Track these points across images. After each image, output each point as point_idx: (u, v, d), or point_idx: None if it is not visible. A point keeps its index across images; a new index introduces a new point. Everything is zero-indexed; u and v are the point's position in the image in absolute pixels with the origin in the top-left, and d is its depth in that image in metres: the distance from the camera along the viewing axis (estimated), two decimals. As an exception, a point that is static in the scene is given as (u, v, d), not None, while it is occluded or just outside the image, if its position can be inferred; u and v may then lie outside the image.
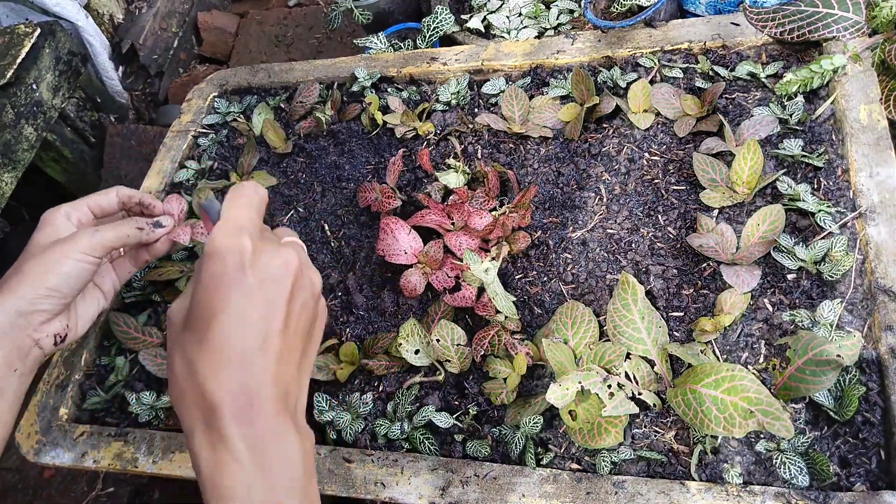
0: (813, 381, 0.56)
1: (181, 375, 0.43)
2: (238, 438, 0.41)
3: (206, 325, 0.42)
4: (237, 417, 0.41)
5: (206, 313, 0.42)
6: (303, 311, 0.46)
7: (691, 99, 0.79)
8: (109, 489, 1.23)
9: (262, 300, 0.43)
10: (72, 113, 1.59)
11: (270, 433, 0.42)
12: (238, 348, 0.42)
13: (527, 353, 0.66)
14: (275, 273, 0.44)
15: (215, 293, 0.42)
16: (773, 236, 0.67)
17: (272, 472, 0.41)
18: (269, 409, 0.42)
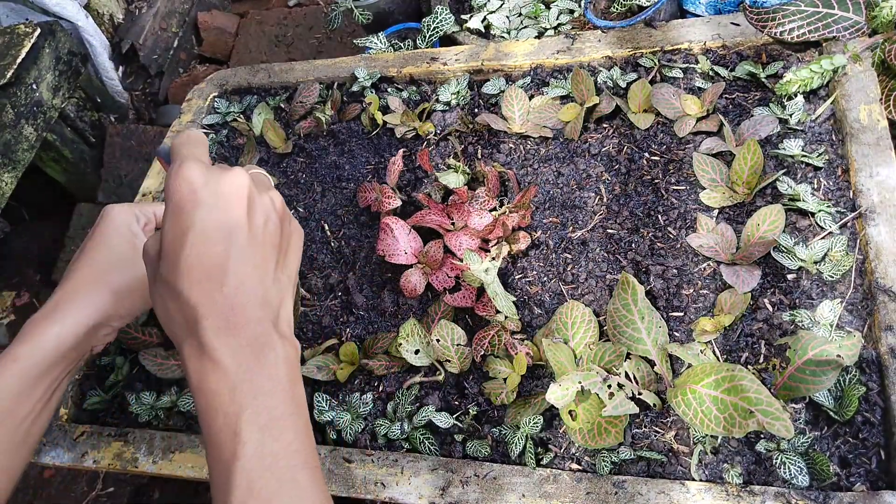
0: (813, 381, 0.56)
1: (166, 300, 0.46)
2: (219, 345, 0.44)
3: (178, 249, 0.45)
4: (218, 326, 0.44)
5: (175, 239, 0.45)
6: (267, 223, 0.48)
7: (691, 99, 0.79)
8: (109, 489, 1.23)
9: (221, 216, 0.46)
10: (72, 113, 1.59)
11: (250, 337, 0.45)
12: (209, 263, 0.44)
13: (527, 353, 0.66)
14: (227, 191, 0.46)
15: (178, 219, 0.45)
16: (773, 236, 0.67)
17: (255, 372, 0.44)
18: (248, 315, 0.45)
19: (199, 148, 0.50)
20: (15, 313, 1.53)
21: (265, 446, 0.43)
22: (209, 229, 0.45)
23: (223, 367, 0.43)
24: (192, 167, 0.46)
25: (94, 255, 0.63)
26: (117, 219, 0.65)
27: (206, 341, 0.44)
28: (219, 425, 0.43)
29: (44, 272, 1.59)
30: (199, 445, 0.70)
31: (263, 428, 0.43)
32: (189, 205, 0.45)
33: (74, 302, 0.59)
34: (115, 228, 0.65)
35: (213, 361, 0.44)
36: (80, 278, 0.61)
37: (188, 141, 0.51)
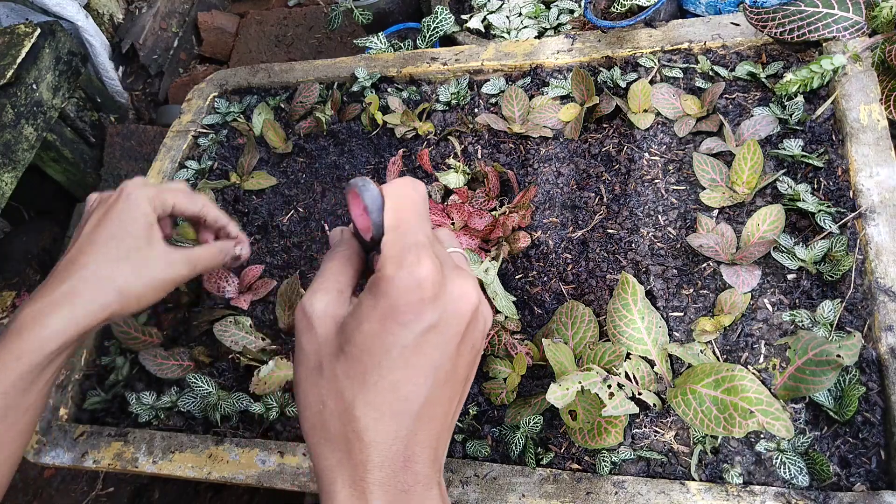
0: (813, 381, 0.56)
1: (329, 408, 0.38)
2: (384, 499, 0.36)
3: (375, 363, 0.36)
4: (387, 475, 0.37)
5: (376, 349, 0.36)
6: (470, 353, 0.40)
7: (691, 99, 0.79)
8: (109, 489, 1.23)
9: (438, 344, 0.37)
10: (72, 113, 1.59)
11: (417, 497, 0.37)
12: (402, 395, 0.37)
13: (527, 353, 0.66)
14: (455, 311, 0.37)
15: (392, 329, 0.36)
16: (773, 236, 0.67)
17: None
18: (421, 472, 0.38)
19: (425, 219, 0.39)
20: (15, 313, 1.53)
21: None
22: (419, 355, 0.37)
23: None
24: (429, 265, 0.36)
25: (105, 239, 0.58)
26: (134, 203, 0.60)
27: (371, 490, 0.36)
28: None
29: (44, 272, 1.59)
30: (199, 445, 0.70)
31: None
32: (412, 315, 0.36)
33: (81, 296, 0.56)
34: (133, 217, 0.60)
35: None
36: (90, 271, 0.57)
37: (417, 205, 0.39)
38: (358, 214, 0.42)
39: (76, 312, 0.55)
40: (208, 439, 0.70)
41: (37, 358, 0.53)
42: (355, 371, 0.37)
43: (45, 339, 0.54)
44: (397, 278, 0.36)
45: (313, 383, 0.39)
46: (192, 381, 0.72)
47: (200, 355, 0.76)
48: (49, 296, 0.55)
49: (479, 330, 0.40)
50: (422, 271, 0.36)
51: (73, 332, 0.55)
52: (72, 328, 0.55)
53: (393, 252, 0.37)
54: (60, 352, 0.55)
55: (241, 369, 0.75)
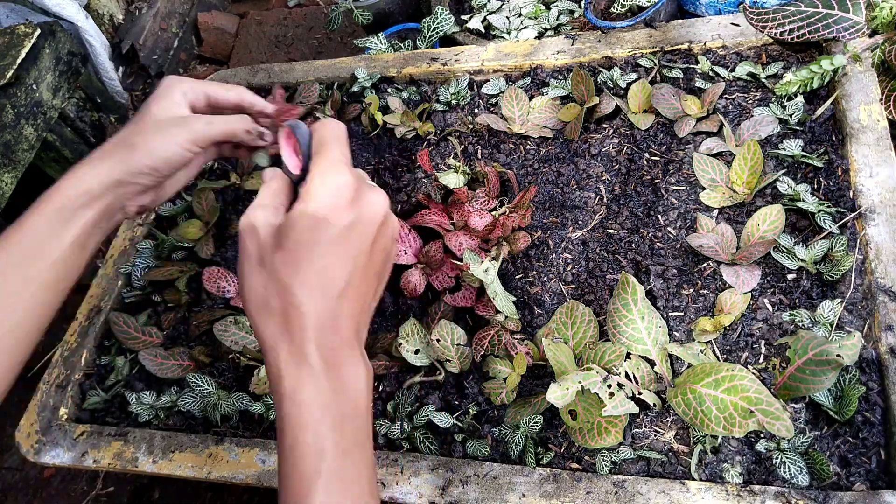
0: (813, 381, 0.56)
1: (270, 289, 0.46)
2: (319, 359, 0.45)
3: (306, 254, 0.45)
4: (321, 340, 0.45)
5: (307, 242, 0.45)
6: (382, 253, 0.50)
7: (691, 99, 0.79)
8: (109, 489, 1.23)
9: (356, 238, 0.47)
10: (72, 113, 1.59)
11: (345, 360, 0.46)
12: (329, 279, 0.46)
13: (527, 353, 0.66)
14: (370, 214, 0.47)
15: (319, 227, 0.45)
16: (773, 236, 0.67)
17: (343, 395, 0.45)
18: (347, 338, 0.46)
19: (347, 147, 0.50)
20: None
21: (345, 472, 0.44)
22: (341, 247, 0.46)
23: (319, 382, 0.45)
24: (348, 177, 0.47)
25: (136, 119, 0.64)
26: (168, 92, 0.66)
27: (308, 350, 0.45)
28: (306, 440, 0.44)
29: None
30: (199, 445, 0.70)
31: (346, 453, 0.45)
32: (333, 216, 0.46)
33: (106, 154, 0.61)
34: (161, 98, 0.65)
35: (312, 373, 0.45)
36: (116, 138, 0.62)
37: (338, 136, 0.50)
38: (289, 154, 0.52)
39: (104, 164, 0.60)
40: (208, 439, 0.70)
41: (61, 200, 0.57)
42: (291, 260, 0.46)
43: (73, 183, 0.58)
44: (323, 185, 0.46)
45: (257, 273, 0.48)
46: (192, 381, 0.73)
47: (200, 355, 0.76)
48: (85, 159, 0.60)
49: (389, 235, 0.50)
50: (342, 179, 0.47)
51: (101, 179, 0.59)
52: (98, 175, 0.59)
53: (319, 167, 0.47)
54: (85, 199, 0.58)
55: (241, 369, 0.75)
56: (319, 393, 0.45)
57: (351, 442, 0.45)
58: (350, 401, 0.46)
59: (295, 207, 0.47)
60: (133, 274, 0.84)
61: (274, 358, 0.46)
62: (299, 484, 0.44)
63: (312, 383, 0.45)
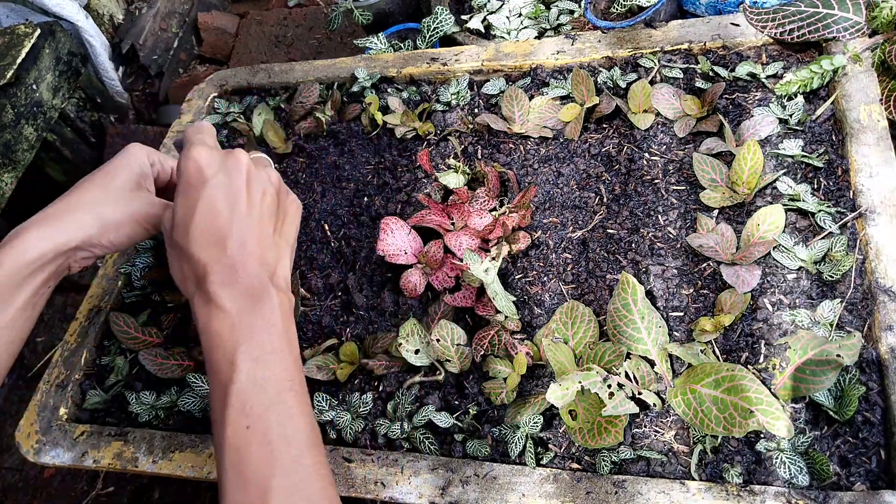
0: (813, 381, 0.56)
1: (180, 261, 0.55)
2: (223, 294, 0.52)
3: (189, 218, 0.54)
4: (222, 280, 0.53)
5: (186, 210, 0.54)
6: (264, 195, 0.58)
7: (691, 99, 0.79)
8: (109, 489, 1.23)
9: (224, 190, 0.55)
10: (72, 113, 1.59)
11: (249, 287, 0.53)
12: (214, 228, 0.54)
13: (527, 353, 0.66)
14: (231, 165, 0.56)
15: (188, 193, 0.55)
16: (773, 236, 0.67)
17: (252, 315, 0.52)
18: (248, 270, 0.54)
19: (206, 135, 0.60)
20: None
21: (256, 373, 0.50)
22: (214, 200, 0.54)
23: (225, 311, 0.52)
24: (199, 149, 0.56)
25: (97, 182, 0.66)
26: (133, 157, 0.68)
27: (212, 291, 0.52)
28: (218, 357, 0.51)
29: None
30: (199, 445, 0.70)
31: (256, 359, 0.51)
32: (197, 181, 0.55)
33: (62, 220, 0.62)
34: (128, 165, 0.67)
35: (218, 307, 0.52)
36: (75, 200, 0.64)
37: (197, 129, 0.61)
38: None
39: (53, 229, 0.61)
40: (208, 439, 0.70)
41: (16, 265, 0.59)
42: (182, 230, 0.54)
43: (27, 249, 0.59)
44: (182, 163, 0.56)
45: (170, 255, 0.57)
46: (192, 381, 0.73)
47: (200, 355, 0.76)
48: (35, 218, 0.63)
49: (264, 180, 0.58)
50: (194, 152, 0.56)
51: (50, 245, 0.60)
52: (49, 241, 0.61)
53: (184, 152, 0.57)
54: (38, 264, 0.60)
55: (242, 369, 0.75)
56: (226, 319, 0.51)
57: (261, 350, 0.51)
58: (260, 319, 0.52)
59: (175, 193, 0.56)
60: (133, 274, 0.84)
61: (193, 309, 0.54)
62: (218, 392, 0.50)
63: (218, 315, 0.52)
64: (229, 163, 0.57)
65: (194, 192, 0.55)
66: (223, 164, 0.56)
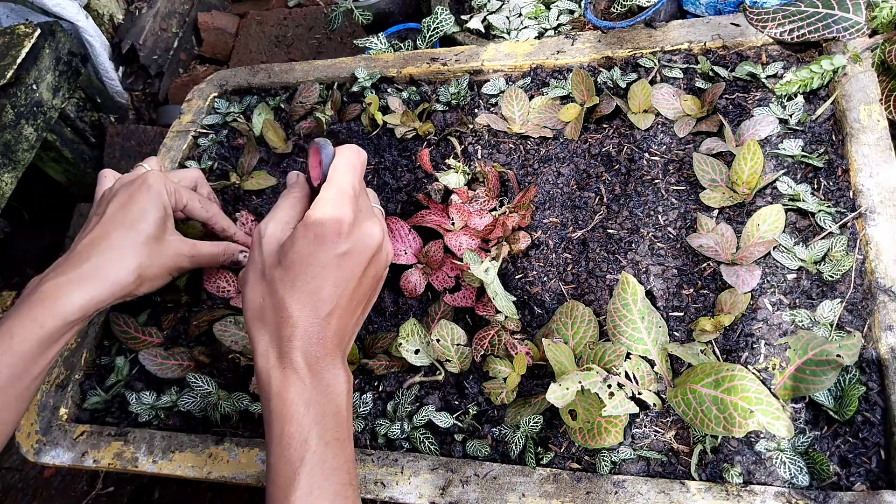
0: (813, 380, 0.56)
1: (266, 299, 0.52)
2: (304, 364, 0.50)
3: (302, 273, 0.51)
4: (306, 349, 0.50)
5: (303, 263, 0.51)
6: (372, 279, 0.56)
7: (691, 99, 0.79)
8: (109, 489, 1.23)
9: (348, 265, 0.52)
10: (72, 113, 1.59)
11: (328, 366, 0.51)
12: (321, 297, 0.51)
13: (527, 353, 0.66)
14: (364, 245, 0.53)
15: (316, 251, 0.51)
16: (773, 236, 0.67)
17: (325, 395, 0.50)
18: (329, 348, 0.52)
19: (357, 177, 0.55)
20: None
21: (327, 461, 0.48)
22: (335, 271, 0.52)
23: (304, 383, 0.50)
24: (348, 210, 0.52)
25: (126, 223, 0.64)
26: (155, 193, 0.67)
27: (295, 358, 0.50)
28: (291, 431, 0.49)
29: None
30: (199, 445, 0.70)
31: (327, 444, 0.49)
32: (330, 242, 0.51)
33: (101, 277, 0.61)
34: (151, 203, 0.66)
35: (298, 375, 0.50)
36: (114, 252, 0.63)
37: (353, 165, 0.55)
38: (314, 166, 0.57)
39: (95, 289, 0.61)
40: (208, 439, 0.70)
41: (56, 325, 0.59)
42: (288, 277, 0.51)
43: (66, 311, 0.59)
44: (324, 214, 0.52)
45: (258, 284, 0.53)
46: (192, 381, 0.73)
47: (200, 355, 0.76)
48: (73, 271, 0.61)
49: (382, 262, 0.56)
50: (341, 212, 0.52)
51: (92, 305, 0.61)
52: (90, 303, 0.60)
53: (326, 196, 0.52)
54: (77, 323, 0.61)
55: (241, 369, 0.75)
56: (303, 391, 0.49)
57: (332, 435, 0.49)
58: (331, 401, 0.50)
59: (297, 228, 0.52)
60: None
61: (264, 362, 0.51)
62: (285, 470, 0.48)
63: (297, 383, 0.50)
64: (365, 237, 0.53)
65: (320, 252, 0.51)
66: (362, 234, 0.53)
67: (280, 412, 0.49)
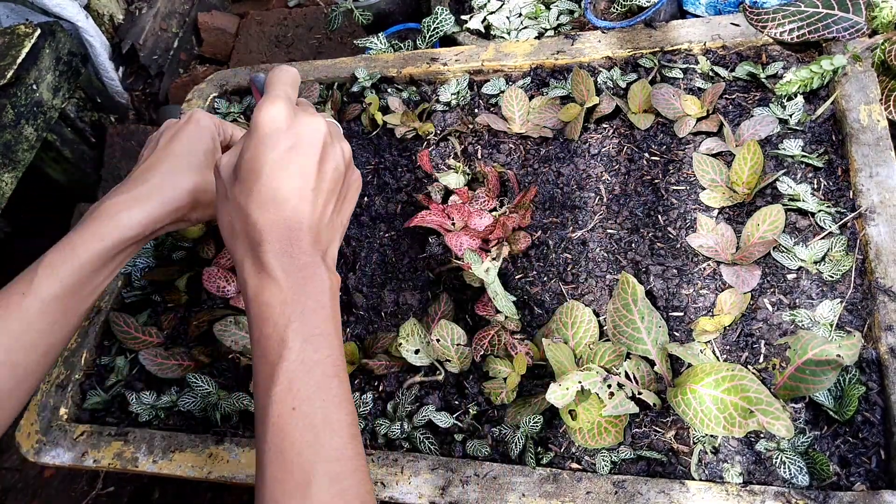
0: (813, 380, 0.56)
1: (234, 216, 0.53)
2: (277, 265, 0.50)
3: (255, 178, 0.51)
4: (277, 250, 0.50)
5: (254, 168, 0.51)
6: (334, 172, 0.55)
7: (691, 99, 0.79)
8: (109, 489, 1.23)
9: (298, 159, 0.52)
10: (72, 113, 1.59)
11: (303, 264, 0.51)
12: (280, 196, 0.51)
13: (527, 353, 0.66)
14: (307, 135, 0.53)
15: (261, 153, 0.51)
16: (773, 236, 0.67)
17: (303, 293, 0.50)
18: (303, 245, 0.51)
19: (290, 86, 0.56)
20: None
21: (306, 354, 0.48)
22: (285, 167, 0.51)
23: (278, 284, 0.49)
24: (280, 106, 0.52)
25: (180, 152, 0.66)
26: (204, 126, 0.69)
27: (267, 260, 0.50)
28: (268, 331, 0.49)
29: (44, 272, 1.59)
30: (199, 445, 0.70)
31: (306, 339, 0.49)
32: (272, 140, 0.51)
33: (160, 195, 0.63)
34: (201, 135, 0.68)
35: (271, 277, 0.50)
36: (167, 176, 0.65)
37: (281, 75, 0.56)
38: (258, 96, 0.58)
39: (154, 207, 0.63)
40: (208, 439, 0.70)
41: (115, 241, 0.61)
42: (245, 188, 0.51)
43: (126, 226, 0.61)
44: (260, 117, 0.52)
45: (224, 206, 0.54)
46: (192, 381, 0.73)
47: (200, 355, 0.76)
48: (130, 192, 0.63)
49: (337, 155, 0.55)
50: (275, 109, 0.52)
51: (149, 224, 0.62)
52: (149, 220, 0.62)
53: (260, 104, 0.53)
54: (133, 241, 0.62)
55: (241, 369, 0.75)
56: (279, 292, 0.49)
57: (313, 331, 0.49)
58: (311, 298, 0.50)
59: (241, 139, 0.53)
60: (133, 274, 0.84)
61: (241, 272, 0.52)
62: (265, 369, 0.49)
63: (271, 285, 0.50)
64: (307, 128, 0.53)
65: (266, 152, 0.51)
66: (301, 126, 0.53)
67: (258, 315, 0.50)
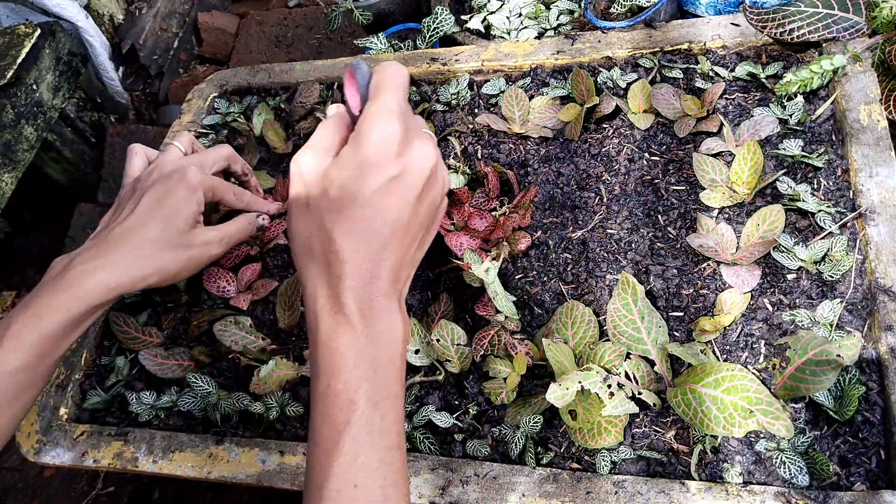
0: (813, 380, 0.56)
1: (313, 232, 0.47)
2: (356, 308, 0.45)
3: (350, 201, 0.45)
4: (358, 288, 0.45)
5: (351, 190, 0.45)
6: (429, 206, 0.50)
7: (691, 99, 0.79)
8: (109, 489, 1.23)
9: (401, 191, 0.46)
10: (72, 113, 1.59)
11: (381, 308, 0.46)
12: (372, 228, 0.45)
13: (527, 353, 0.66)
14: (416, 167, 0.47)
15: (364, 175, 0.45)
16: (773, 236, 0.67)
17: (378, 344, 0.45)
18: (382, 285, 0.46)
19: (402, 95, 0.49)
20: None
21: (374, 422, 0.44)
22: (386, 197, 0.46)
23: (355, 330, 0.45)
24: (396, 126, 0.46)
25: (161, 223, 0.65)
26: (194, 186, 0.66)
27: (345, 299, 0.45)
28: (337, 388, 0.44)
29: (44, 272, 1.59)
30: (199, 445, 0.70)
31: (376, 404, 0.44)
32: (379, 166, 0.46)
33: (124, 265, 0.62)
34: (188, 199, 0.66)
35: (348, 321, 0.45)
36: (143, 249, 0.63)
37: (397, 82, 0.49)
38: (352, 94, 0.51)
39: (123, 280, 0.62)
40: (208, 439, 0.70)
41: (81, 311, 0.60)
42: (335, 206, 0.45)
43: (94, 294, 0.61)
44: (371, 134, 0.45)
45: (302, 218, 0.48)
46: (193, 381, 0.73)
47: (200, 355, 0.76)
48: (102, 257, 0.62)
49: (438, 188, 0.50)
50: (390, 130, 0.45)
51: (117, 293, 0.62)
52: (118, 290, 0.62)
53: (370, 114, 0.46)
54: (101, 307, 0.62)
55: (242, 369, 0.75)
56: (354, 341, 0.44)
57: (383, 393, 0.45)
58: (384, 352, 0.45)
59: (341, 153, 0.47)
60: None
61: (312, 304, 0.46)
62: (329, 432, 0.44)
63: (348, 332, 0.44)
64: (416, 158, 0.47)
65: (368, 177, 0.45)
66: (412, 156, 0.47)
67: (328, 365, 0.44)
